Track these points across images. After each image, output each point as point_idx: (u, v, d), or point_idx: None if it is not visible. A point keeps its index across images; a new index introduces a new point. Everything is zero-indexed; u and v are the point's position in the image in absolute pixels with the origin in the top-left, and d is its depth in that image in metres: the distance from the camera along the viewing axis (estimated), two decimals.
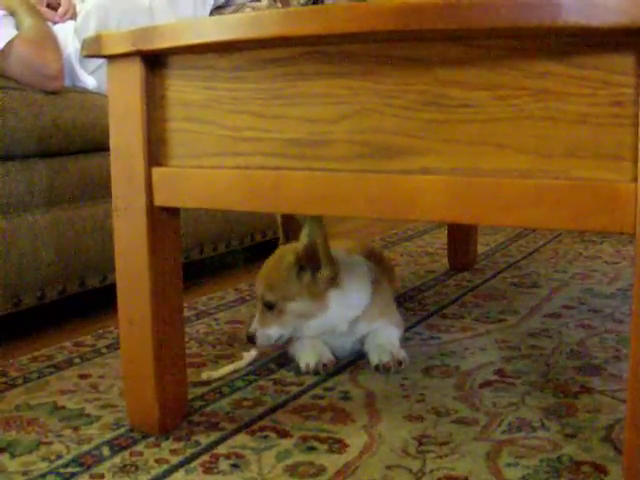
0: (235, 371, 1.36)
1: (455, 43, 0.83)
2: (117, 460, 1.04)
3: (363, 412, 1.18)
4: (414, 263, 2.30)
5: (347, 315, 1.39)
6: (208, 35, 0.92)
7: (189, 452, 1.06)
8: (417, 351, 1.47)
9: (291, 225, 1.46)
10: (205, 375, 1.32)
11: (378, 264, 1.57)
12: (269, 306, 1.36)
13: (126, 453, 1.06)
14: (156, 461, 1.04)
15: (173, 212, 1.10)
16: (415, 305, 1.81)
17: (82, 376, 1.36)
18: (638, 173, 0.75)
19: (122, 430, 1.13)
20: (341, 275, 1.37)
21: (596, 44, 0.76)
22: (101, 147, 1.71)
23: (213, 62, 0.99)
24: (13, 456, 1.06)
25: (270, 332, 1.37)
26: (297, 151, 0.94)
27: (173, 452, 1.06)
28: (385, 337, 1.41)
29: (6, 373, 1.38)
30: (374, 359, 1.36)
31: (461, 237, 2.16)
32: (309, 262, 1.34)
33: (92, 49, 1.05)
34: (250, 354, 1.40)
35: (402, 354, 1.37)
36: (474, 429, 1.11)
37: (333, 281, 1.36)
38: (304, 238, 1.33)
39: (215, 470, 1.01)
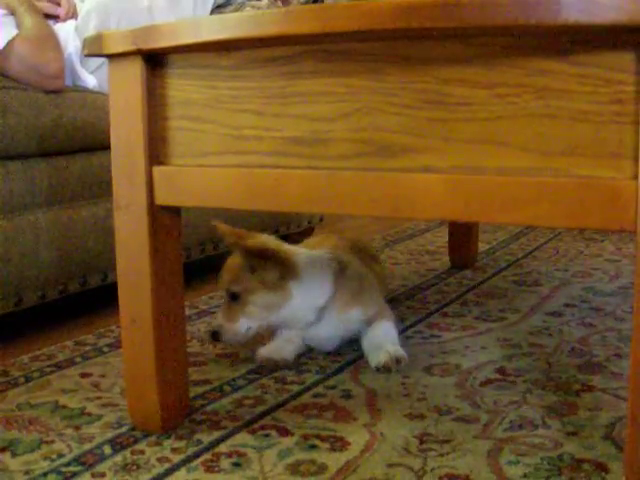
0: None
1: (455, 41, 0.83)
2: (118, 459, 1.04)
3: (364, 410, 1.18)
4: (415, 261, 2.30)
5: (312, 304, 1.42)
6: (208, 34, 0.92)
7: (191, 451, 1.06)
8: (418, 349, 1.47)
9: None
10: None
11: (365, 259, 1.63)
12: (234, 297, 1.39)
13: (127, 452, 1.06)
14: (158, 460, 1.04)
15: (174, 211, 1.10)
16: (416, 303, 1.81)
17: (83, 375, 1.36)
18: (638, 171, 0.75)
19: (123, 429, 1.13)
20: (301, 267, 1.41)
21: (596, 42, 0.76)
22: (102, 146, 1.71)
23: (213, 61, 0.99)
24: (14, 455, 1.06)
25: (237, 325, 1.38)
26: (298, 150, 0.95)
27: (175, 451, 1.06)
28: (382, 335, 1.42)
29: (7, 372, 1.38)
30: (373, 360, 1.37)
31: (462, 235, 2.16)
32: (257, 262, 1.38)
33: (93, 48, 1.05)
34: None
35: (400, 352, 1.36)
36: (475, 427, 1.11)
37: (292, 273, 1.39)
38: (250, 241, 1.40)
39: (217, 468, 1.01)
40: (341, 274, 1.45)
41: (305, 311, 1.41)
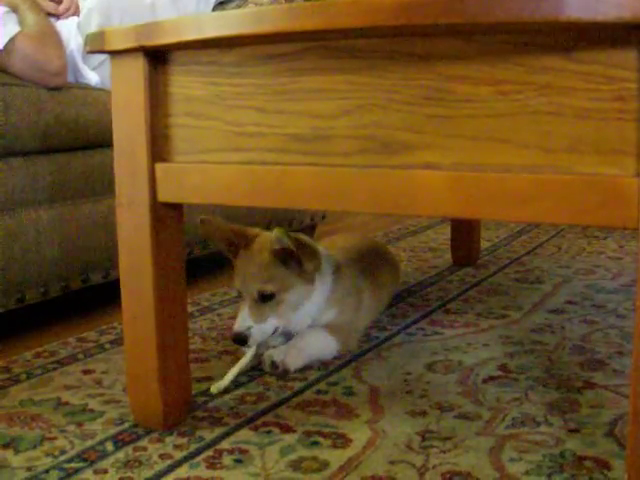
0: (240, 373, 1.30)
1: (458, 38, 0.83)
2: (121, 455, 1.04)
3: (366, 407, 1.19)
4: (417, 258, 2.30)
5: (322, 299, 1.43)
6: (211, 31, 0.92)
7: (193, 447, 1.06)
8: (420, 346, 1.47)
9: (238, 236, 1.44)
10: (214, 389, 1.25)
11: (368, 258, 1.66)
12: (267, 298, 1.35)
13: (130, 448, 1.06)
14: (160, 456, 1.04)
15: (176, 208, 1.10)
16: (418, 300, 1.81)
17: (86, 372, 1.36)
18: None
19: (126, 425, 1.14)
20: (323, 260, 1.43)
21: (599, 39, 0.76)
22: (104, 143, 1.71)
23: (216, 58, 0.99)
24: (17, 451, 1.06)
25: (267, 326, 1.35)
26: (300, 146, 0.95)
27: (177, 447, 1.06)
28: (306, 339, 1.39)
29: (10, 369, 1.38)
30: (272, 351, 1.36)
31: (464, 232, 2.16)
32: (289, 256, 1.36)
33: (95, 45, 1.05)
34: (250, 350, 1.35)
35: (288, 363, 1.32)
36: (477, 424, 1.11)
37: (319, 265, 1.41)
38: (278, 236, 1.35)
39: (219, 465, 1.01)
40: (338, 273, 1.47)
41: (316, 308, 1.42)
